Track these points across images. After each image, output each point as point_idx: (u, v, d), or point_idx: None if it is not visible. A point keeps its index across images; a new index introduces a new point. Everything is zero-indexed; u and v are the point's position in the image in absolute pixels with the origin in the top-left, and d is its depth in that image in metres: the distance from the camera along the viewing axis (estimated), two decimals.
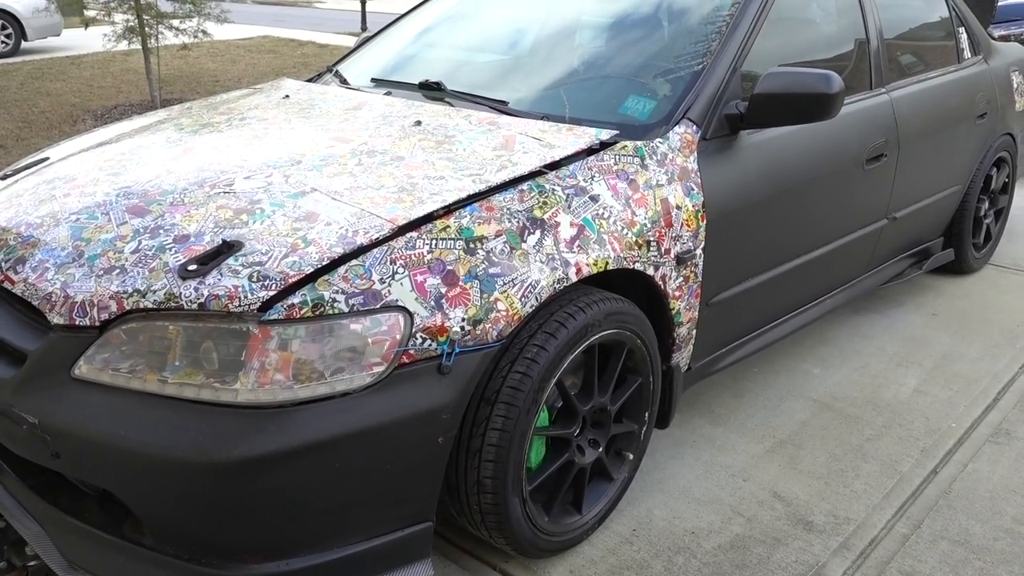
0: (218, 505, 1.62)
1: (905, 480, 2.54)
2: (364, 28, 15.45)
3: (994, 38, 4.31)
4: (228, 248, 1.74)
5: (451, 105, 2.54)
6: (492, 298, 1.79)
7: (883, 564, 2.20)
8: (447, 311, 1.73)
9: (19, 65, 10.25)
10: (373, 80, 2.94)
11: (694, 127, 2.34)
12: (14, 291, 1.82)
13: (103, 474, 1.68)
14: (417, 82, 2.74)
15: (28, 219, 2.00)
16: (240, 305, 1.63)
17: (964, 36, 3.83)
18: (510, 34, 3.02)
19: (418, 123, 2.36)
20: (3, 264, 1.88)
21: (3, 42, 11.01)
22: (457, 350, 1.74)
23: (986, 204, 4.12)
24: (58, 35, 11.82)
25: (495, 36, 3.07)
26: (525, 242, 1.89)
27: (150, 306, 1.66)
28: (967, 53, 3.82)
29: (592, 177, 2.11)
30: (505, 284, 1.82)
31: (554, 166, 2.10)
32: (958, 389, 3.08)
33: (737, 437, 2.75)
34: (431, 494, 1.82)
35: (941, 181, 3.57)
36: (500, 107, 2.50)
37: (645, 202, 2.16)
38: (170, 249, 1.77)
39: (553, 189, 2.03)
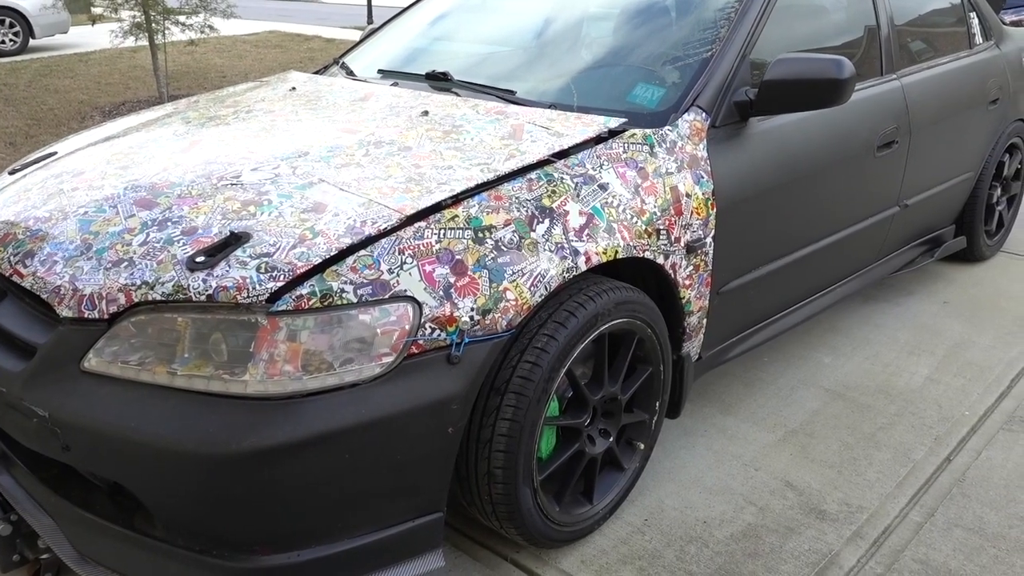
0: (228, 497, 1.61)
1: (918, 468, 2.53)
2: (370, 22, 15.43)
3: (1005, 24, 4.27)
4: (236, 240, 1.74)
5: (458, 95, 2.53)
6: (501, 288, 1.78)
7: (897, 552, 2.19)
8: (456, 301, 1.72)
9: (27, 63, 10.28)
10: (380, 71, 2.93)
11: (703, 114, 2.32)
12: (23, 285, 1.82)
13: (113, 467, 1.68)
14: (424, 73, 2.73)
15: (36, 213, 2.00)
16: (248, 296, 1.62)
17: (975, 21, 3.79)
18: (517, 24, 3.00)
19: (425, 113, 2.35)
20: (12, 258, 1.88)
21: (11, 40, 11.04)
22: (466, 340, 1.73)
23: (998, 191, 4.09)
24: (65, 32, 11.84)
25: (501, 26, 3.05)
26: (534, 231, 1.88)
27: (159, 298, 1.66)
28: (979, 38, 3.78)
29: (601, 165, 2.10)
30: (514, 273, 1.81)
31: (563, 155, 2.08)
32: (971, 377, 3.06)
33: (748, 426, 2.74)
34: (441, 485, 1.81)
35: (953, 168, 3.54)
36: (508, 96, 2.48)
37: (654, 190, 2.15)
38: (178, 241, 1.77)
39: (562, 178, 2.01)
